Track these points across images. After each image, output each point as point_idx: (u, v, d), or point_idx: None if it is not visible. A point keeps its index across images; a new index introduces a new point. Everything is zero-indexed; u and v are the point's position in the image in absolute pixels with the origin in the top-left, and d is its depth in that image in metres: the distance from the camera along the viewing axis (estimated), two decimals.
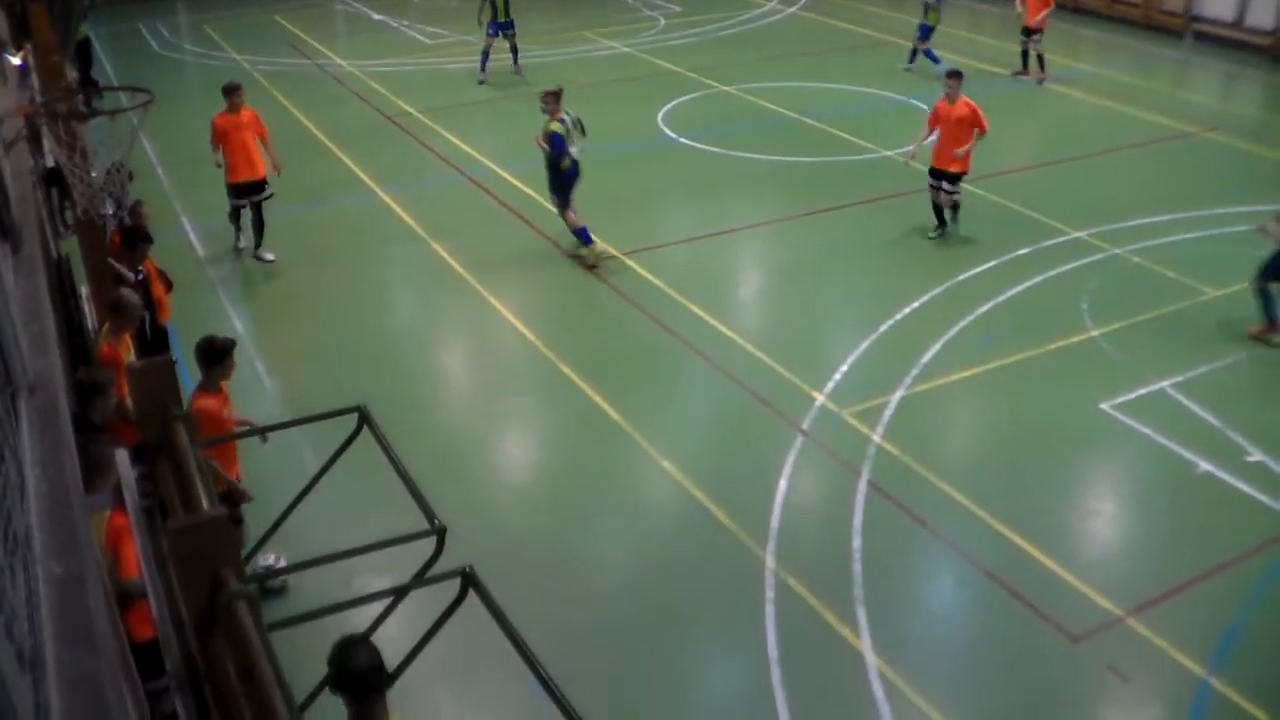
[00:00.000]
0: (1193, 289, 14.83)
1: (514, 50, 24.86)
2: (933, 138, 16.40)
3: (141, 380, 4.80)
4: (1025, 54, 24.50)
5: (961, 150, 15.87)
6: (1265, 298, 13.70)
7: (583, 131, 15.65)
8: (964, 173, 16.23)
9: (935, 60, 24.57)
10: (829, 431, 11.89)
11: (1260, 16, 26.86)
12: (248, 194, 15.94)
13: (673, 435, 12.07)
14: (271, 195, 16.14)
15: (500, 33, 24.32)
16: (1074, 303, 14.53)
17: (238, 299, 15.11)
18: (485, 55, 24.47)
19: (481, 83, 24.30)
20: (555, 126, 15.32)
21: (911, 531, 10.48)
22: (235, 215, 16.31)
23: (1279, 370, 13.20)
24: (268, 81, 24.83)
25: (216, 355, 9.06)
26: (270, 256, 16.16)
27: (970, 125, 15.91)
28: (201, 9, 32.99)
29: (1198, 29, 28.19)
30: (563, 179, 15.50)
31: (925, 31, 24.80)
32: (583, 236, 15.65)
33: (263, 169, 15.91)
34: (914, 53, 25.17)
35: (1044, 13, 23.84)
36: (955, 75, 16.36)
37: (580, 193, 15.60)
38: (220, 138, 15.70)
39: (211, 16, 31.64)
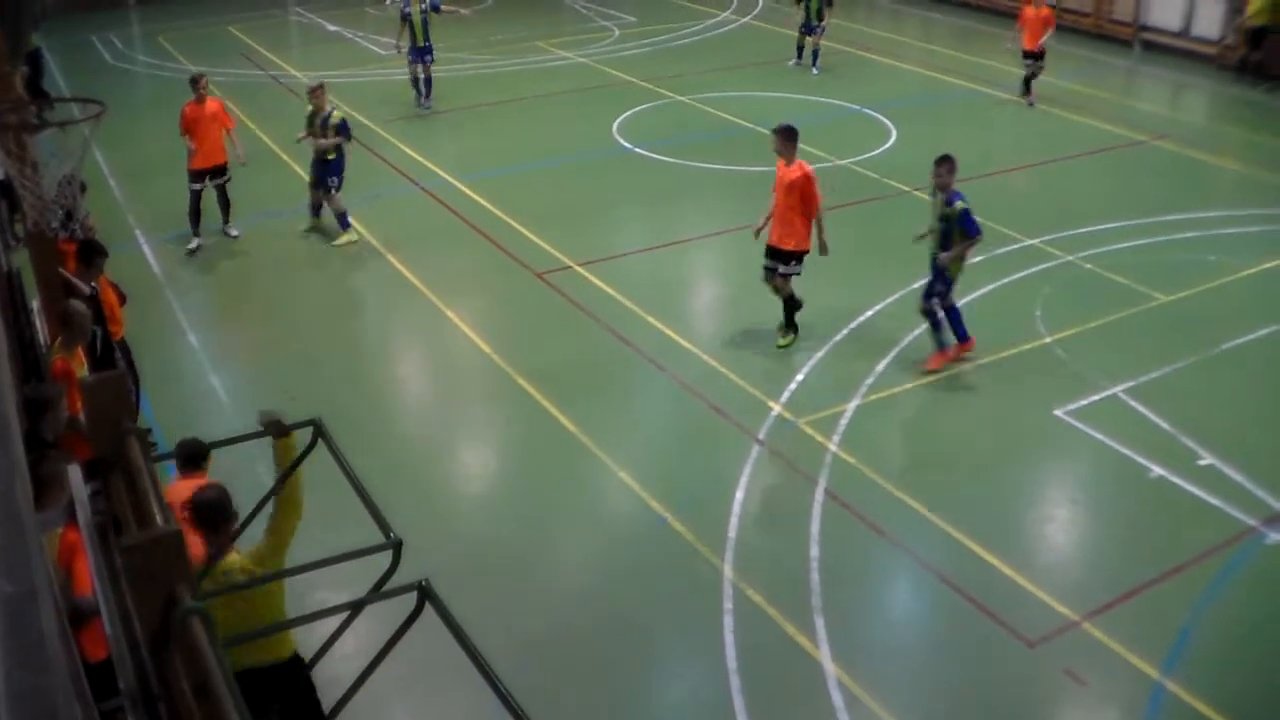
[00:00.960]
0: (1144, 295, 14.98)
1: (427, 81, 23.21)
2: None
3: (94, 395, 4.77)
4: (1027, 78, 23.47)
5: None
6: (932, 320, 13.41)
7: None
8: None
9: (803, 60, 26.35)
10: (785, 441, 11.92)
11: (1206, 26, 27.19)
12: (205, 177, 16.62)
13: (629, 446, 12.07)
14: (230, 179, 16.81)
15: (419, 60, 22.97)
16: (1028, 310, 14.64)
17: (192, 312, 15.01)
18: (414, 81, 23.36)
19: (427, 109, 23.31)
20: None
21: (869, 540, 10.53)
22: (195, 205, 16.74)
23: (1229, 375, 13.34)
24: (222, 93, 24.52)
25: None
26: (235, 232, 17.07)
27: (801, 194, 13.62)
28: (155, 20, 32.75)
29: (1146, 38, 28.50)
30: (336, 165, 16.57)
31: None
32: (342, 221, 16.68)
33: (224, 157, 16.68)
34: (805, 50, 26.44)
35: (1045, 35, 23.00)
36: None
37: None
38: (190, 125, 16.50)
39: (165, 27, 31.42)
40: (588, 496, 11.35)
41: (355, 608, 4.19)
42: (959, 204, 12.89)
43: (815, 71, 25.81)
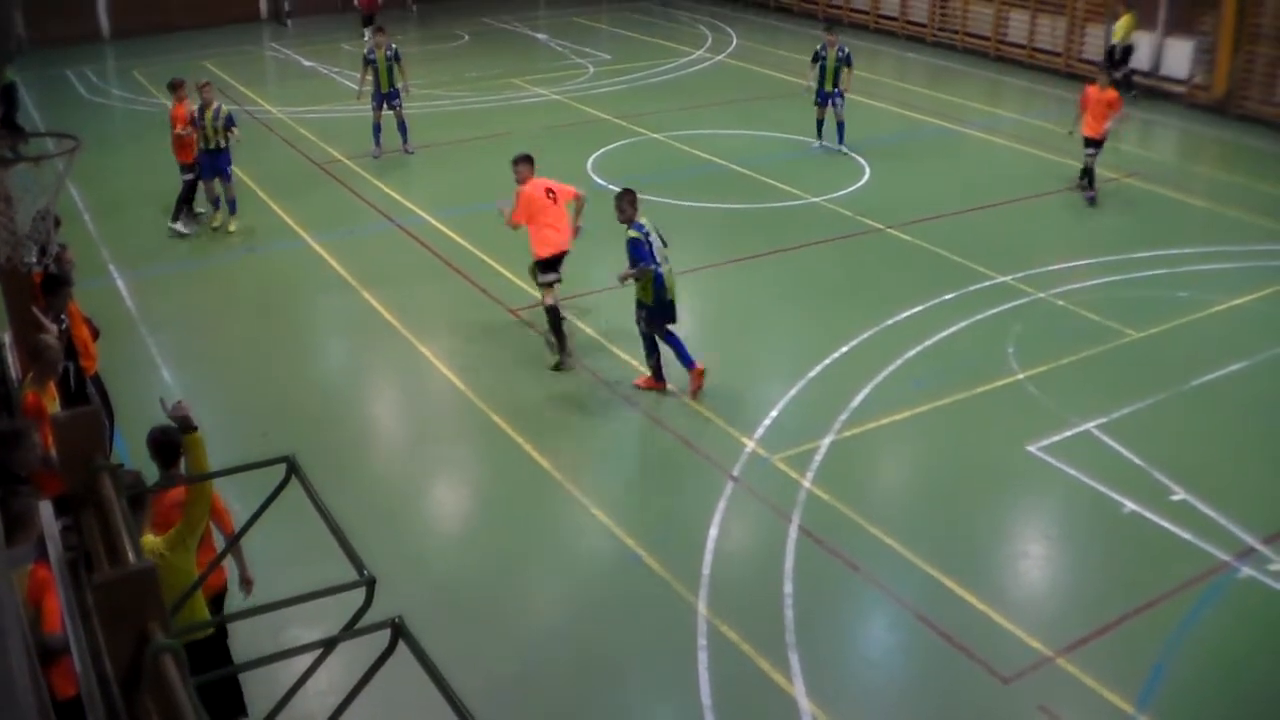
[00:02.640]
0: (1116, 331, 15.07)
1: (402, 127, 22.70)
2: None
3: (66, 430, 4.74)
4: (1088, 169, 20.39)
5: None
6: (647, 344, 13.61)
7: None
8: None
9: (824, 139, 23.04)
10: (759, 477, 11.92)
11: (1175, 66, 27.48)
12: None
13: (603, 483, 12.07)
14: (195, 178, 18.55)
15: (385, 104, 22.40)
16: (1000, 346, 14.70)
17: (166, 347, 14.94)
18: (377, 129, 22.59)
19: (376, 158, 22.57)
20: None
21: (843, 576, 10.52)
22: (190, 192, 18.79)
23: (1201, 411, 13.42)
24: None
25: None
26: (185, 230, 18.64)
27: None
28: (130, 55, 32.77)
29: (1116, 77, 28.71)
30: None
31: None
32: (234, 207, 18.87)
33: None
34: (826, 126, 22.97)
35: (1111, 120, 19.97)
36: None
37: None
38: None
39: (140, 62, 31.42)
40: (562, 533, 11.32)
41: (328, 645, 4.16)
42: (631, 233, 13.23)
43: (844, 148, 22.67)
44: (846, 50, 22.55)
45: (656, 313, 13.39)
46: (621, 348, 14.65)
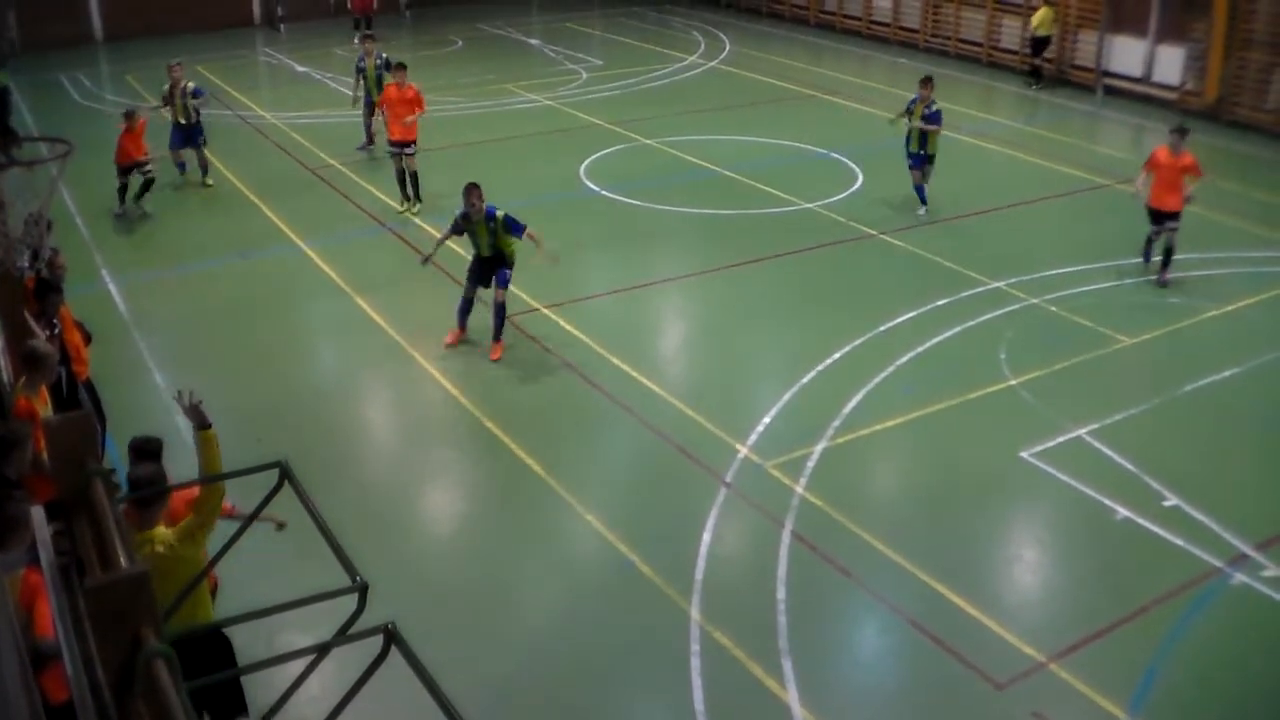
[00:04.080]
0: (1108, 337, 15.09)
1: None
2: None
3: (59, 435, 4.72)
4: (1150, 241, 17.29)
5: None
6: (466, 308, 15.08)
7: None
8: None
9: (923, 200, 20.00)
10: (752, 483, 11.93)
11: (1166, 72, 27.57)
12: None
13: (596, 489, 12.06)
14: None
15: (376, 111, 21.93)
16: (992, 352, 14.72)
17: (159, 351, 14.92)
18: (367, 126, 22.97)
19: (362, 149, 23.12)
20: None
21: (836, 582, 10.53)
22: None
23: (1193, 416, 13.45)
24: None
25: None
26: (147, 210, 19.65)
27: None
28: (124, 59, 32.74)
29: (1108, 84, 28.85)
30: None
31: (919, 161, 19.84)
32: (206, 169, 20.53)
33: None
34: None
35: (1190, 190, 16.76)
36: None
37: None
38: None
39: (134, 67, 31.37)
40: (555, 539, 11.32)
41: (321, 650, 4.15)
42: (501, 212, 14.66)
43: (922, 212, 19.77)
44: (935, 107, 19.36)
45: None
46: (618, 356, 14.64)
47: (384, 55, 22.34)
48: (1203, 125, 25.98)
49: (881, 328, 15.33)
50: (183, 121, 20.68)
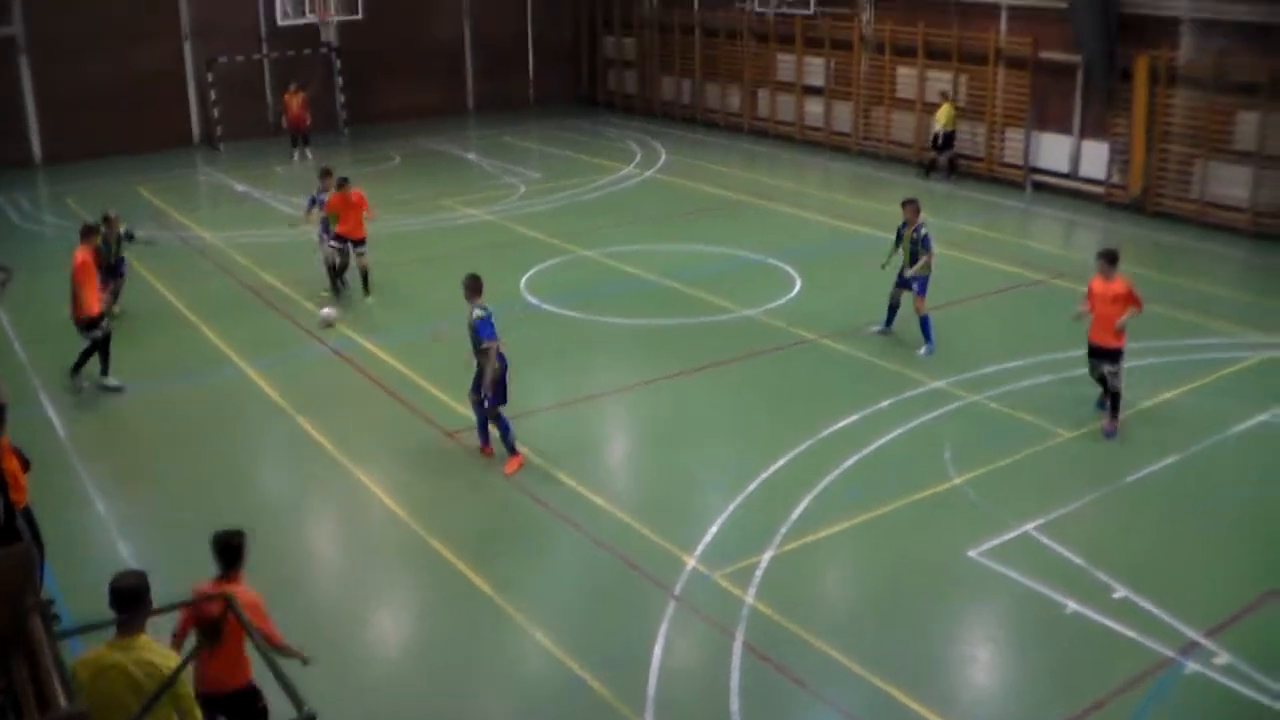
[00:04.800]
0: (1049, 431, 15.24)
1: (343, 268, 21.76)
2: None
3: None
4: (1103, 379, 15.43)
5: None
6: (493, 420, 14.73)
7: None
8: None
9: (889, 323, 19.18)
10: (702, 595, 11.88)
11: (1092, 167, 28.20)
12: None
13: (545, 605, 11.98)
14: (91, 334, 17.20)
15: (346, 242, 21.29)
16: (936, 452, 14.82)
17: (99, 478, 14.72)
18: (332, 269, 21.57)
19: (340, 296, 21.51)
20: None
21: (790, 692, 10.46)
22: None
23: (1137, 506, 13.58)
24: (129, 254, 24.57)
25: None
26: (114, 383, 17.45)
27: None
28: (62, 181, 32.70)
29: (1036, 179, 29.45)
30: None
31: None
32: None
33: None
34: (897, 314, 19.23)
35: (1123, 320, 15.13)
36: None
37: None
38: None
39: (73, 188, 31.36)
40: (505, 658, 11.18)
41: None
42: (478, 313, 14.41)
43: (925, 352, 18.31)
44: (924, 230, 18.51)
45: (505, 383, 14.55)
46: (564, 471, 14.62)
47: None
48: (1129, 217, 26.62)
49: (825, 432, 15.40)
50: (110, 262, 19.84)
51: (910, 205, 18.60)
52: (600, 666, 10.79)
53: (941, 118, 30.58)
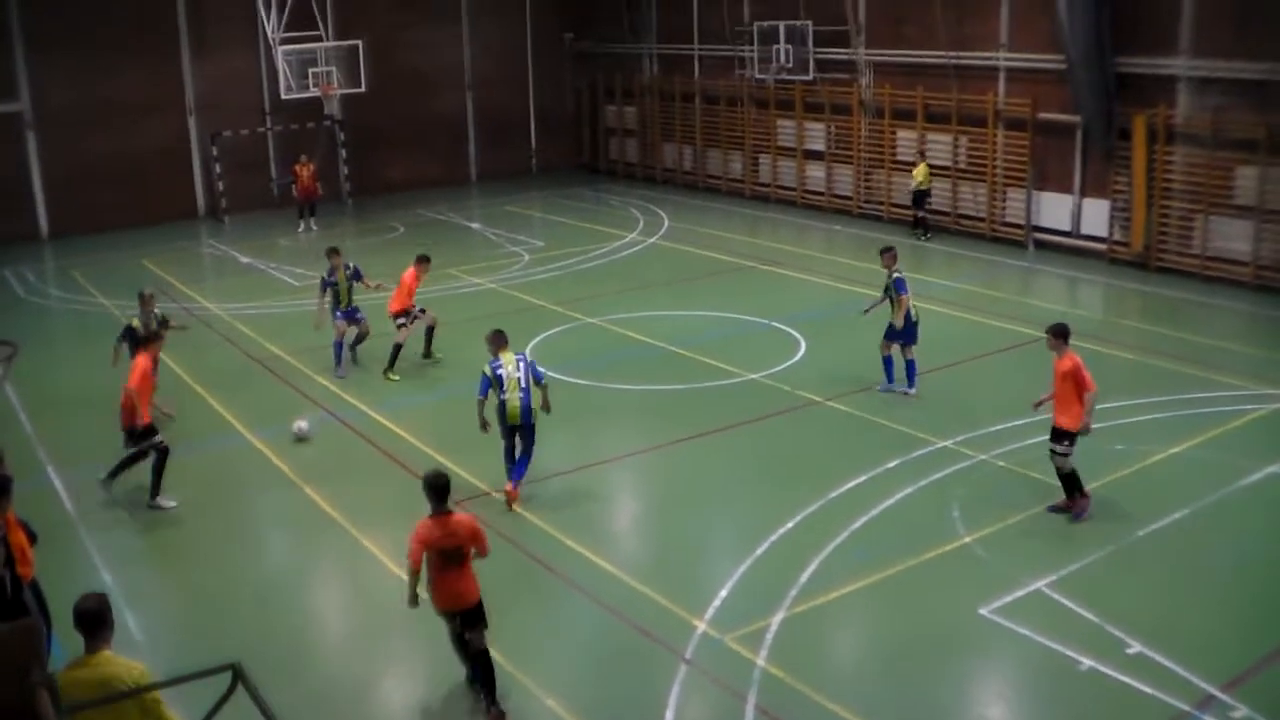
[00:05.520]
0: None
1: (360, 340, 21.83)
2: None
3: (3, 644, 4.66)
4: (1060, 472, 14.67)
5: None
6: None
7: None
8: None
9: (890, 379, 19.33)
10: (712, 658, 11.80)
11: (1094, 225, 28.33)
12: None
13: (555, 672, 11.91)
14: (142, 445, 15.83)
15: (349, 320, 21.60)
16: (945, 511, 14.78)
17: (106, 550, 14.68)
18: (338, 346, 21.44)
19: (341, 377, 21.15)
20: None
21: None
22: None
23: (1149, 561, 13.52)
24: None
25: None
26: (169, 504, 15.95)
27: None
28: (67, 254, 32.96)
29: (1039, 238, 29.57)
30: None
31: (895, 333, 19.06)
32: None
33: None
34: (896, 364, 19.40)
35: (1086, 404, 14.25)
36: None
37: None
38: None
39: (78, 262, 31.60)
40: None
41: None
42: (485, 369, 15.30)
43: (911, 391, 19.09)
44: (896, 275, 18.81)
45: (508, 429, 15.45)
46: (572, 537, 14.58)
47: (351, 265, 21.97)
48: (1132, 274, 26.71)
49: (833, 494, 15.37)
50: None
51: (887, 254, 19.32)
52: None
53: (918, 175, 31.25)
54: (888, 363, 19.21)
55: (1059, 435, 14.37)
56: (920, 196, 31.54)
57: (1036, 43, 28.87)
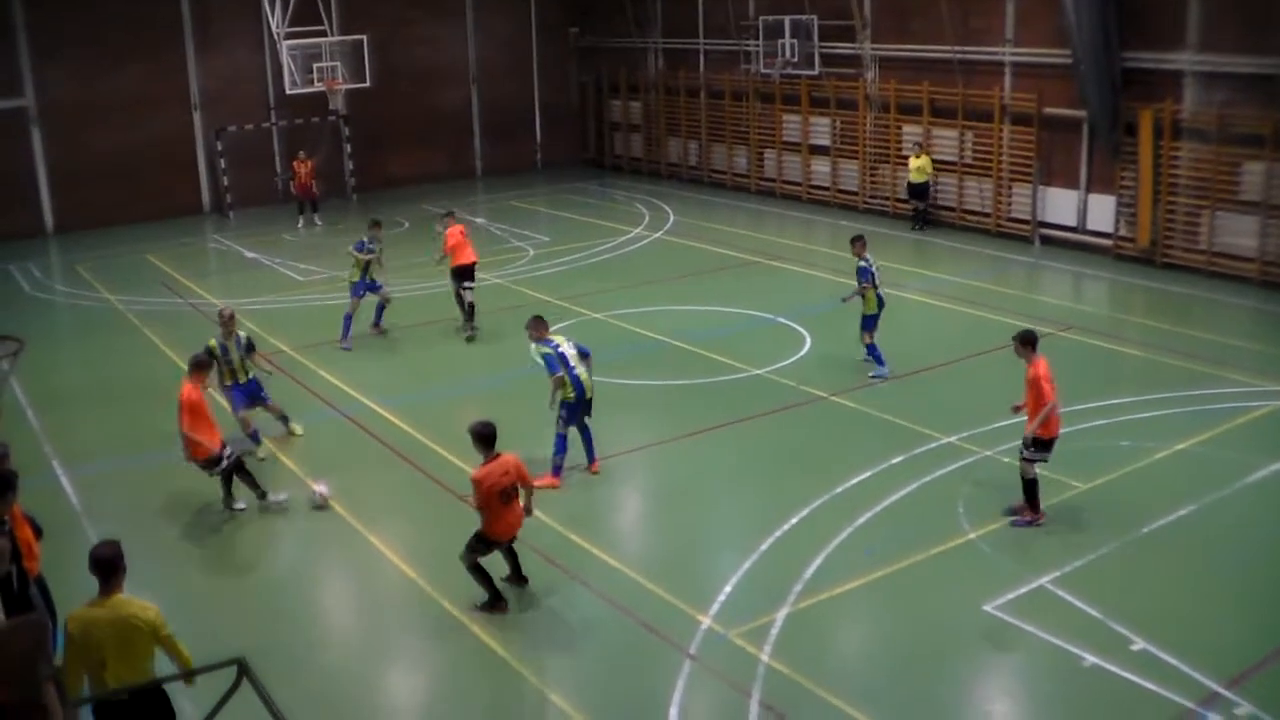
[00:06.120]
0: (1062, 484, 15.18)
1: (382, 308, 23.41)
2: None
3: (10, 640, 4.67)
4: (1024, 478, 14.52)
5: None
6: (559, 443, 15.81)
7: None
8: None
9: (879, 361, 19.86)
10: (717, 654, 11.81)
11: (1100, 221, 28.27)
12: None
13: (560, 667, 11.93)
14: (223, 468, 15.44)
15: (368, 292, 22.79)
16: (950, 507, 14.77)
17: None
18: (348, 320, 22.60)
19: (347, 349, 22.34)
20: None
21: None
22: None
23: (1154, 557, 13.51)
24: (140, 321, 24.77)
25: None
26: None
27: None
28: (73, 249, 33.01)
29: (1045, 234, 29.53)
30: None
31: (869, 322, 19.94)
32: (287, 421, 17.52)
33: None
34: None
35: (1038, 416, 14.11)
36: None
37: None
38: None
39: (83, 257, 31.66)
40: None
41: None
42: (542, 349, 15.91)
43: (882, 375, 19.71)
44: (861, 265, 19.62)
45: (575, 408, 15.83)
46: (577, 532, 14.59)
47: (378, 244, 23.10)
48: (1138, 269, 26.67)
49: (838, 489, 15.37)
50: (239, 381, 17.27)
51: (857, 242, 20.01)
52: None
53: (915, 167, 31.65)
54: (872, 350, 19.68)
55: (1024, 441, 14.26)
56: (919, 189, 31.70)
57: (1043, 38, 28.82)
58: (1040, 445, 14.14)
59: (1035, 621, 12.13)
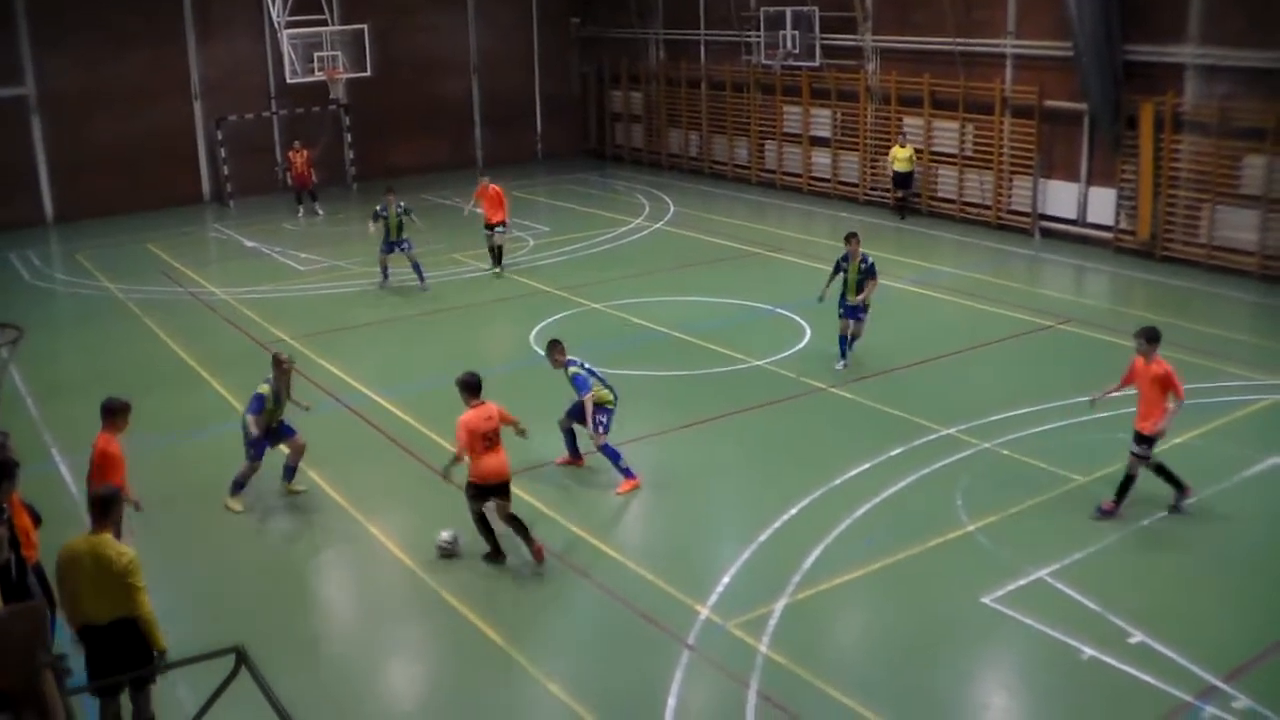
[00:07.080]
0: (1062, 477, 15.18)
1: (416, 267, 25.88)
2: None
3: (7, 626, 4.67)
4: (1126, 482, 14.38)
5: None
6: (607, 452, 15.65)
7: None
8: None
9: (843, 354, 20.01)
10: (715, 644, 11.82)
11: (1100, 214, 28.25)
12: None
13: (557, 656, 11.93)
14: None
15: (394, 249, 25.78)
16: (948, 499, 14.77)
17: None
18: (384, 267, 26.19)
19: (383, 287, 26.06)
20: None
21: None
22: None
23: (1153, 550, 13.53)
24: (140, 310, 24.76)
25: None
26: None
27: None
28: (73, 238, 32.99)
29: (1045, 226, 29.51)
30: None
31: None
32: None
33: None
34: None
35: (1169, 410, 14.16)
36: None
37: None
38: None
39: (83, 245, 31.63)
40: (518, 710, 11.14)
41: None
42: (572, 369, 15.75)
43: (841, 365, 19.97)
44: (870, 260, 19.80)
45: (613, 413, 15.90)
46: (575, 522, 14.60)
47: (402, 204, 25.97)
48: (1138, 263, 26.67)
49: (837, 481, 15.37)
50: (273, 425, 15.52)
51: (853, 238, 19.95)
52: (613, 717, 10.75)
53: (898, 159, 32.13)
54: (844, 341, 20.02)
55: (1137, 438, 14.18)
56: (903, 178, 32.05)
57: (1044, 30, 28.78)
58: (1150, 442, 14.08)
59: (1033, 613, 12.13)
